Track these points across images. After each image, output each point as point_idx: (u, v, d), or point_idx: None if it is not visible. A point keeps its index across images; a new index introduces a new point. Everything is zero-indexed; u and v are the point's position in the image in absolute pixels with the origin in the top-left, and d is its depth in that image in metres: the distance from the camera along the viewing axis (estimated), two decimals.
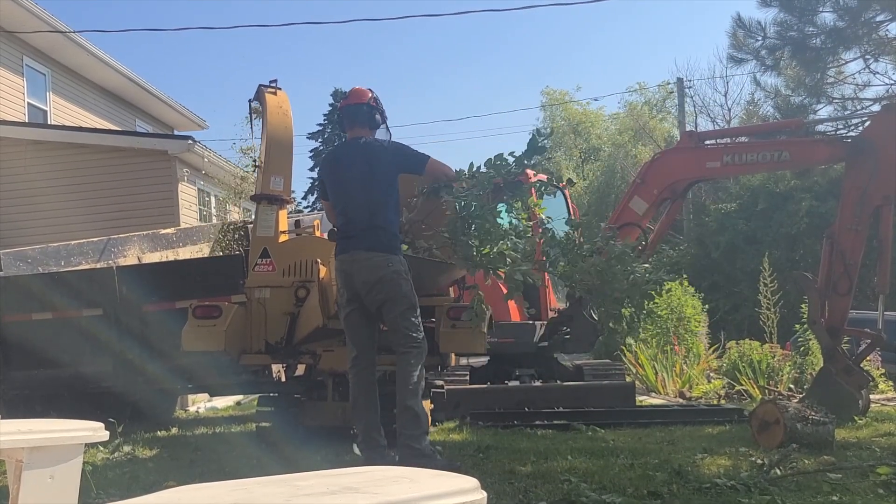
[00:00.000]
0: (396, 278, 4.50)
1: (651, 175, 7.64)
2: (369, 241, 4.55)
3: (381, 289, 4.50)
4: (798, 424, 5.13)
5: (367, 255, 4.53)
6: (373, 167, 4.66)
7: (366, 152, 4.72)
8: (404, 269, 4.56)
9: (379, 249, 4.53)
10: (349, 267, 4.59)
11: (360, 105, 4.88)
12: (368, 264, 4.52)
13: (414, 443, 4.33)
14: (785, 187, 19.13)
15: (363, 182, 4.64)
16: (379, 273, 4.49)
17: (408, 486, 1.41)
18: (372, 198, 4.61)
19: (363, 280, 4.53)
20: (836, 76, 9.06)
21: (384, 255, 4.52)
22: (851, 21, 7.99)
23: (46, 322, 6.71)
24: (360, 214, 4.61)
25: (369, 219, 4.58)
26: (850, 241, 6.77)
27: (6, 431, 2.22)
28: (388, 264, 4.50)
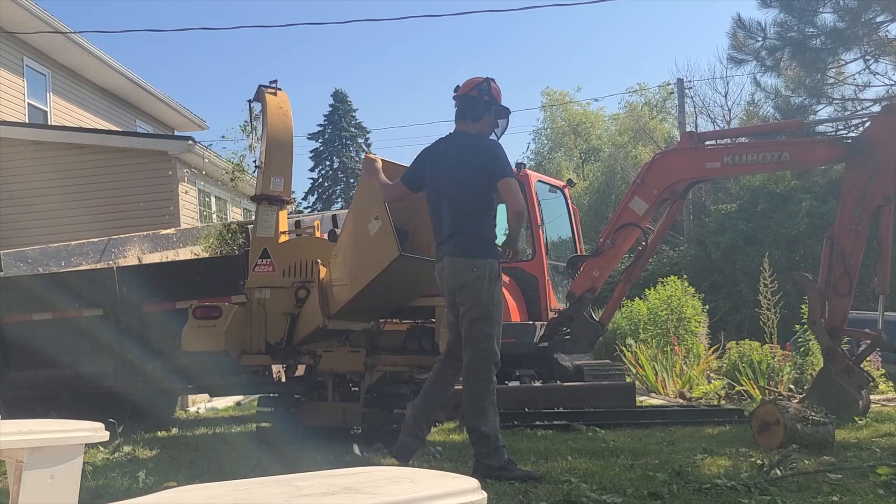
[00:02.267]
0: (477, 284, 4.32)
1: (651, 175, 7.64)
2: (453, 246, 4.41)
3: (462, 295, 4.36)
4: (798, 425, 5.13)
5: (450, 261, 4.41)
6: (459, 168, 4.44)
7: (458, 151, 4.50)
8: (490, 275, 4.35)
9: (462, 255, 4.37)
10: (439, 273, 4.50)
11: (463, 97, 4.60)
12: (451, 270, 4.40)
13: (487, 460, 4.27)
14: (785, 188, 19.14)
15: (450, 184, 4.45)
16: (461, 279, 4.35)
17: (408, 487, 1.41)
18: (457, 199, 4.42)
19: (448, 287, 4.43)
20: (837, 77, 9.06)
21: (467, 261, 4.36)
22: (851, 22, 8.00)
23: (46, 322, 6.71)
24: (447, 218, 4.47)
25: (454, 222, 4.42)
26: (851, 242, 6.77)
27: (6, 432, 2.22)
28: (471, 269, 4.33)
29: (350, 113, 46.59)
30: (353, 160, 45.19)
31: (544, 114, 39.41)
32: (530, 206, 9.15)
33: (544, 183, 9.90)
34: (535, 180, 9.50)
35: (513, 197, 4.32)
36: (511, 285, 8.69)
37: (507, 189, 4.32)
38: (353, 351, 5.96)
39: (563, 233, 10.16)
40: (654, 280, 14.29)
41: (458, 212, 4.40)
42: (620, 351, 11.70)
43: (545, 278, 8.94)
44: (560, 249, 9.94)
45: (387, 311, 5.99)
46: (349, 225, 5.40)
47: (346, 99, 46.41)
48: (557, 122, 39.18)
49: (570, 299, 7.99)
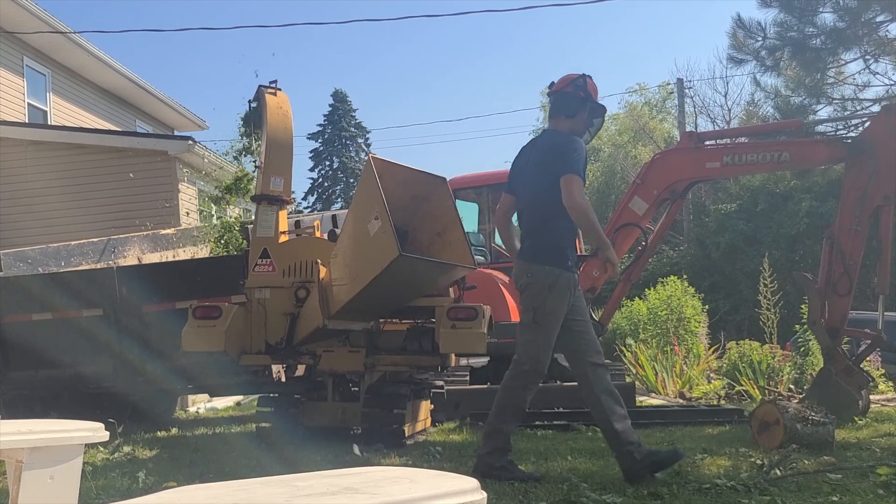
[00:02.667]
0: (529, 289, 4.22)
1: (651, 175, 7.63)
2: (523, 250, 4.36)
3: (521, 298, 4.31)
4: (798, 425, 5.13)
5: (518, 264, 4.35)
6: (535, 169, 4.32)
7: (538, 151, 4.40)
8: (549, 283, 4.19)
9: (526, 258, 4.30)
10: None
11: (558, 93, 4.45)
12: (516, 272, 4.36)
13: (488, 458, 4.27)
14: (785, 188, 19.14)
15: (527, 186, 4.36)
16: (518, 283, 4.31)
17: (408, 487, 1.41)
18: (532, 202, 4.33)
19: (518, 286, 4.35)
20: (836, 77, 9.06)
21: (524, 264, 4.28)
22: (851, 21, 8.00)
23: (46, 322, 6.71)
24: (523, 221, 4.44)
25: (528, 225, 4.38)
26: (850, 242, 6.76)
27: (6, 432, 2.21)
28: (527, 274, 4.24)
29: (350, 113, 46.60)
30: (353, 160, 45.20)
31: (544, 114, 39.36)
32: None
33: None
34: None
35: (566, 192, 4.10)
36: (511, 285, 8.69)
37: (563, 185, 4.11)
38: (352, 351, 5.96)
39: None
40: (654, 280, 14.29)
41: (529, 215, 4.35)
42: (620, 351, 11.70)
43: None
44: None
45: (387, 311, 5.99)
46: (349, 225, 5.40)
47: (345, 99, 46.43)
48: None
49: None
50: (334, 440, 5.58)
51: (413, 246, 5.48)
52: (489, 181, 9.98)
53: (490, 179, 10.03)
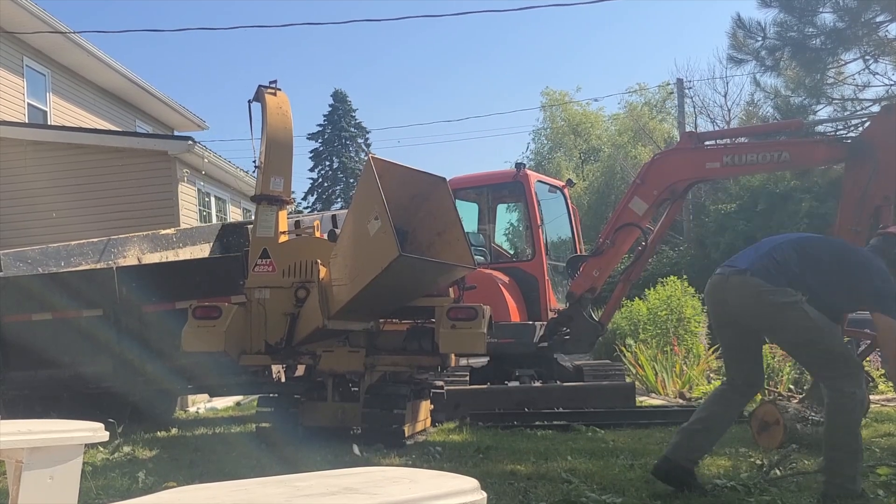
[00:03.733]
0: (783, 309, 3.85)
1: (651, 175, 7.63)
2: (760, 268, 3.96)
3: (760, 322, 3.98)
4: (798, 425, 5.13)
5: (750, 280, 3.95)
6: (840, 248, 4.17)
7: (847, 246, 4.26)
8: (792, 299, 3.83)
9: (761, 277, 3.92)
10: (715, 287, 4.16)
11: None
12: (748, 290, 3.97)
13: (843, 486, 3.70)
14: (785, 188, 19.13)
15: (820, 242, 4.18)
16: (759, 303, 3.92)
17: (407, 487, 1.41)
18: (812, 252, 4.01)
19: (743, 310, 4.02)
20: (836, 77, 9.05)
21: (762, 282, 3.91)
22: (851, 22, 7.99)
23: (46, 322, 6.71)
24: (786, 254, 4.00)
25: (787, 261, 3.97)
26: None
27: (6, 432, 2.21)
28: (768, 294, 3.86)
29: (350, 113, 46.60)
30: (353, 160, 45.20)
31: (544, 114, 39.42)
32: (530, 206, 9.16)
33: (544, 183, 9.91)
34: (535, 180, 9.50)
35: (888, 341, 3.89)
36: (511, 285, 8.70)
37: (887, 326, 3.84)
38: (352, 351, 5.96)
39: (562, 233, 10.17)
40: (654, 280, 14.28)
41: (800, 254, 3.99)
42: (620, 351, 11.70)
43: (545, 278, 8.94)
44: (560, 249, 9.94)
45: (386, 311, 5.99)
46: (349, 225, 5.40)
47: (345, 99, 46.43)
48: (557, 123, 39.17)
49: (570, 299, 7.99)
50: (334, 440, 5.59)
51: (413, 246, 5.48)
52: (489, 181, 9.98)
53: (490, 179, 10.03)
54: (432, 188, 5.58)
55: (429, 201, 5.58)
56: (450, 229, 5.51)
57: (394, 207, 4.99)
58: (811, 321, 3.76)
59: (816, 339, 3.79)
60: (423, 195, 5.57)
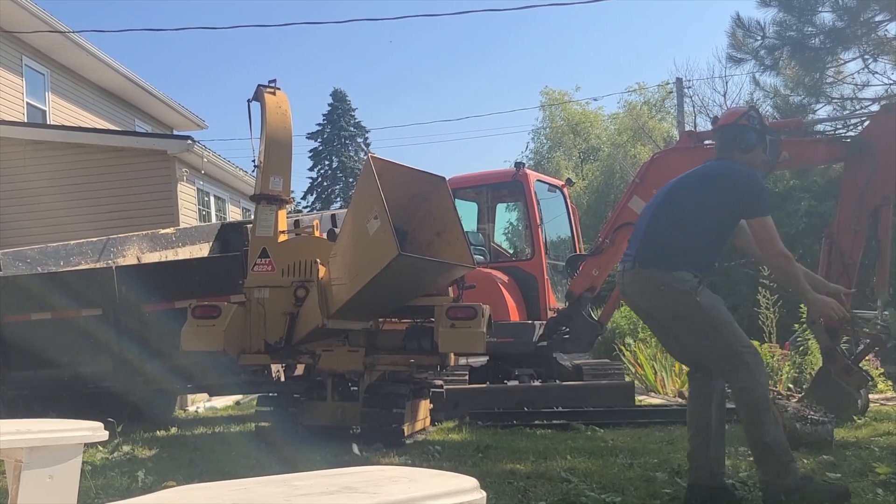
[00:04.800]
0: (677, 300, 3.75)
1: (650, 175, 7.64)
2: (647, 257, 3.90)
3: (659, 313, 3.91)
4: (797, 424, 5.13)
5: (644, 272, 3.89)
6: (689, 184, 3.98)
7: (702, 171, 4.03)
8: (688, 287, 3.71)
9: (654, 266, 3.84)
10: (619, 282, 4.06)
11: (730, 126, 4.04)
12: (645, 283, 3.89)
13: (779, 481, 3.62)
14: (784, 187, 19.12)
15: (674, 195, 3.98)
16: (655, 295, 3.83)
17: (407, 486, 1.41)
18: (675, 214, 3.90)
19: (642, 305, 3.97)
20: (835, 76, 9.05)
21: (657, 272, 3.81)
22: (850, 21, 7.99)
23: (46, 322, 6.71)
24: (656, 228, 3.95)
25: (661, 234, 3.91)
26: (849, 241, 6.77)
27: (5, 431, 2.21)
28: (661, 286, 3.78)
29: (349, 112, 46.58)
30: (353, 159, 45.19)
31: (543, 113, 39.40)
32: (530, 205, 9.16)
33: (543, 182, 9.91)
34: (534, 180, 9.51)
35: (768, 239, 3.77)
36: (510, 284, 8.70)
37: (760, 229, 3.77)
38: (352, 350, 5.96)
39: (562, 232, 10.17)
40: None
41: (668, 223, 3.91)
42: (619, 350, 11.69)
43: (544, 278, 8.95)
44: (559, 249, 9.94)
45: (386, 310, 5.99)
46: (348, 224, 5.40)
47: (345, 98, 46.41)
48: (556, 122, 39.17)
49: (570, 298, 7.99)
50: (333, 440, 5.59)
51: (412, 245, 5.49)
52: (488, 180, 9.98)
53: (489, 179, 10.03)
54: (432, 188, 5.58)
55: (428, 201, 5.58)
56: (449, 229, 5.51)
57: (393, 207, 4.99)
58: (702, 311, 3.65)
59: (708, 331, 3.67)
60: (423, 195, 5.57)
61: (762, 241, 3.78)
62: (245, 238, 7.65)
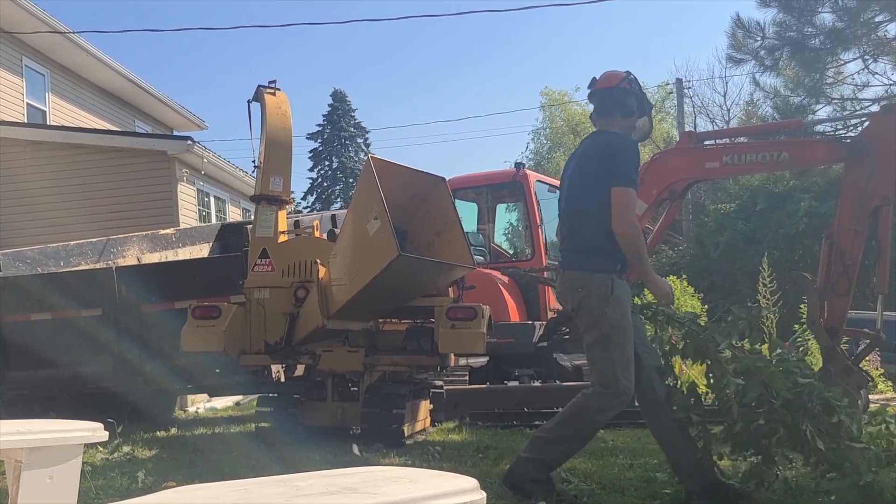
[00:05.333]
0: (586, 302, 3.75)
1: (650, 175, 7.61)
2: (564, 260, 3.97)
3: (576, 316, 3.86)
4: None
5: (561, 279, 3.93)
6: (578, 171, 3.95)
7: (583, 151, 4.02)
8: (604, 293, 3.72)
9: (570, 268, 3.88)
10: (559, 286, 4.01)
11: (611, 90, 3.98)
12: (561, 290, 3.97)
13: (532, 469, 3.76)
14: (784, 187, 19.13)
15: (568, 189, 4.00)
16: (571, 301, 3.83)
17: (407, 487, 1.41)
18: (571, 208, 3.94)
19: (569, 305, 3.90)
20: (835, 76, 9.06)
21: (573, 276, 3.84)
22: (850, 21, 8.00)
23: (45, 322, 6.71)
24: (563, 227, 4.04)
25: (568, 233, 3.96)
26: (849, 242, 6.75)
27: (5, 432, 2.21)
28: (576, 288, 3.79)
29: (349, 113, 46.57)
30: (353, 160, 45.18)
31: (543, 114, 39.42)
32: (530, 206, 9.16)
33: (543, 183, 9.90)
34: (535, 180, 9.50)
35: (623, 209, 3.69)
36: (510, 285, 8.69)
37: (620, 198, 3.70)
38: (352, 351, 5.96)
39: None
40: None
41: (572, 221, 3.93)
42: None
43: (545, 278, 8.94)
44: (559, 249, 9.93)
45: (386, 310, 5.99)
46: (348, 225, 5.40)
47: (345, 99, 46.40)
48: (556, 122, 39.18)
49: None
50: (333, 440, 5.58)
51: (412, 246, 5.48)
52: (488, 181, 9.98)
53: (489, 179, 10.03)
54: (432, 188, 5.58)
55: (428, 201, 5.58)
56: (449, 229, 5.51)
57: (393, 207, 4.99)
58: (606, 322, 3.66)
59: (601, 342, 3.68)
60: (423, 195, 5.57)
61: (617, 208, 3.70)
62: (245, 238, 7.66)
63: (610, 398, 3.67)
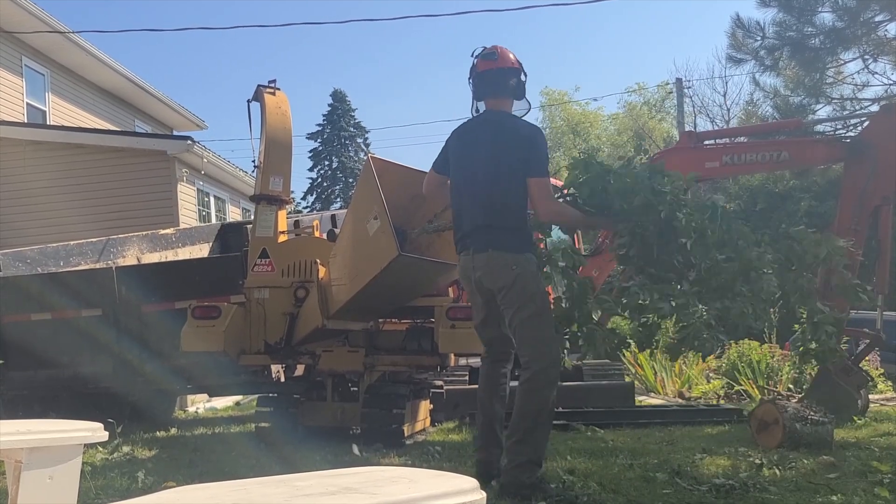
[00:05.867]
0: (519, 281, 3.85)
1: None
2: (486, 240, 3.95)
3: (504, 298, 3.89)
4: (797, 424, 5.13)
5: (485, 260, 3.94)
6: (498, 153, 3.94)
7: (497, 133, 3.99)
8: (535, 270, 3.92)
9: (498, 247, 3.91)
10: (466, 272, 4.06)
11: (508, 70, 4.01)
12: (488, 270, 3.93)
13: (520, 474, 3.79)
14: (784, 187, 19.13)
15: (485, 173, 3.95)
16: (501, 280, 3.87)
17: (407, 487, 1.41)
18: (494, 191, 3.93)
19: (487, 288, 3.95)
20: (835, 76, 9.07)
21: (504, 257, 3.90)
22: (850, 21, 8.00)
23: (45, 322, 6.71)
24: (483, 208, 3.97)
25: (491, 214, 3.94)
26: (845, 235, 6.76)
27: (5, 432, 2.21)
28: (509, 267, 3.86)
29: (349, 113, 46.58)
30: (352, 160, 45.19)
31: (543, 113, 39.44)
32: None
33: None
34: None
35: (544, 200, 3.87)
36: None
37: (540, 192, 3.88)
38: (352, 351, 5.96)
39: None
40: None
41: (494, 202, 3.93)
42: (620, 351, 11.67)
43: None
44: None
45: (386, 310, 5.99)
46: (348, 225, 5.39)
47: (345, 99, 46.40)
48: (556, 122, 39.20)
49: None
50: (333, 440, 5.58)
51: (412, 246, 5.48)
52: None
53: None
54: None
55: (428, 201, 5.57)
56: (449, 229, 5.49)
57: (393, 207, 4.98)
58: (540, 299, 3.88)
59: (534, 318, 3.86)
60: (423, 195, 5.56)
61: (541, 199, 3.89)
62: (245, 238, 7.66)
63: (550, 369, 3.88)
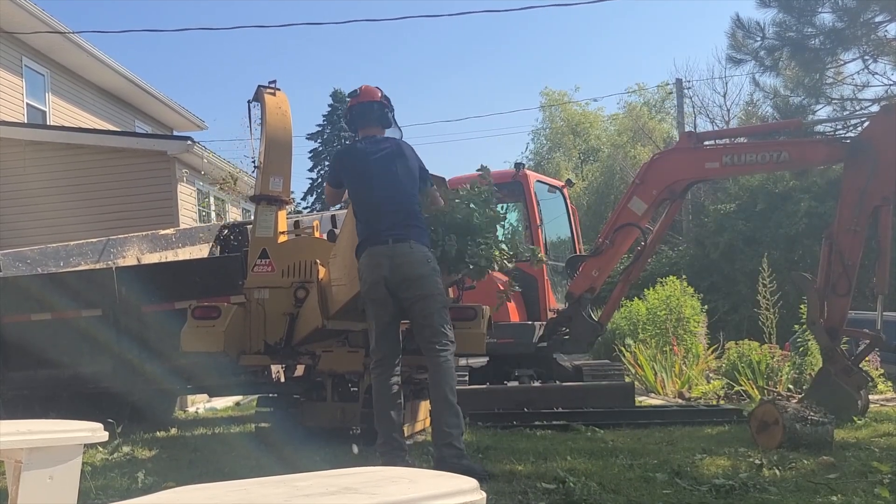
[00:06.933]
0: (434, 274, 4.54)
1: (650, 176, 7.64)
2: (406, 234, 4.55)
3: (421, 285, 4.49)
4: (797, 425, 5.13)
5: (408, 249, 4.51)
6: (402, 163, 4.74)
7: (393, 148, 4.80)
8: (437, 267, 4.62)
9: (417, 241, 4.55)
10: (380, 259, 4.53)
11: (373, 103, 4.94)
12: (409, 259, 4.50)
13: (456, 442, 4.32)
14: (784, 188, 19.12)
15: (396, 176, 4.68)
16: (420, 269, 4.49)
17: (407, 487, 1.41)
18: (407, 191, 4.68)
19: (402, 275, 4.49)
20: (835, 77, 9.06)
21: (424, 250, 4.55)
22: (850, 21, 8.00)
23: (45, 323, 6.70)
24: (401, 210, 4.62)
25: (408, 214, 4.61)
26: (849, 242, 6.76)
27: (5, 432, 2.21)
28: (427, 260, 4.52)
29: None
30: None
31: (543, 114, 39.46)
32: (530, 206, 9.16)
33: (543, 183, 9.90)
34: (534, 180, 9.50)
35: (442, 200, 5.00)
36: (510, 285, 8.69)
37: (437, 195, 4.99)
38: (352, 351, 5.95)
39: (562, 233, 10.17)
40: (653, 280, 14.27)
41: (409, 202, 4.66)
42: (619, 351, 11.69)
43: (544, 278, 8.94)
44: (559, 249, 9.94)
45: None
46: (348, 225, 5.39)
47: (345, 99, 46.12)
48: (556, 123, 39.20)
49: (570, 299, 7.99)
50: (334, 440, 5.58)
51: None
52: None
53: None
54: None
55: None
56: None
57: None
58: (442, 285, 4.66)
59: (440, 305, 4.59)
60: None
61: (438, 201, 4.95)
62: (245, 239, 7.65)
63: (452, 346, 4.59)
